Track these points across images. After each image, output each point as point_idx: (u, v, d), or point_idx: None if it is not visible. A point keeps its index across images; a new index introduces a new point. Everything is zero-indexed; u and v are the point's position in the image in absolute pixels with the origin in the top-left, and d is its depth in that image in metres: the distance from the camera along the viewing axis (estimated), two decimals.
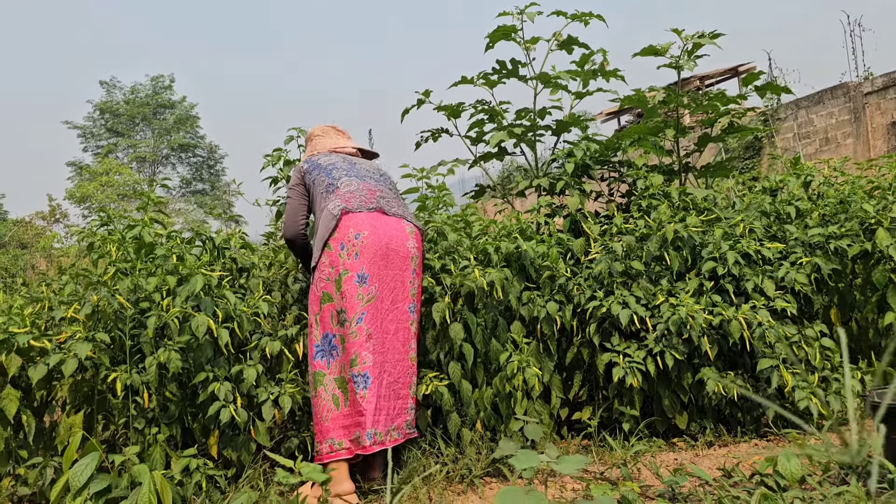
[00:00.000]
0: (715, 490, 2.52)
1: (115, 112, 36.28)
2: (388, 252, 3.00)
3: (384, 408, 2.87)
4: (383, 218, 3.08)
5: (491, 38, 4.37)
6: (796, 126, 14.38)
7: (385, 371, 2.91)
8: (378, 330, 2.91)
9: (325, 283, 2.96)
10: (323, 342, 2.93)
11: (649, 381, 3.38)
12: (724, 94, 4.16)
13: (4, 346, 2.74)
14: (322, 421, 2.84)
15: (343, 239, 2.95)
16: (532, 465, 2.07)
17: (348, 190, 3.12)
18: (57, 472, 2.73)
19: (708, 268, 3.46)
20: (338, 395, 2.85)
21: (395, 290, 3.02)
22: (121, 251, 3.17)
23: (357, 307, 2.88)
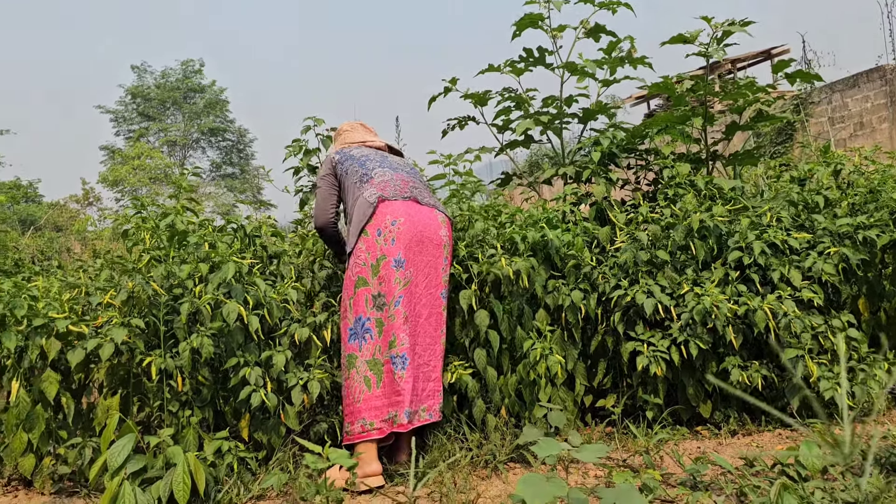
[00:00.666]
0: (736, 479, 2.55)
1: (146, 96, 36.75)
2: (423, 239, 3.08)
3: (416, 388, 2.97)
4: (417, 206, 3.16)
5: (518, 27, 4.37)
6: (830, 110, 14.12)
7: (416, 353, 3.00)
8: (412, 313, 3.02)
9: (360, 268, 3.03)
10: (356, 325, 3.00)
11: (673, 369, 3.40)
12: (754, 82, 4.12)
13: (44, 331, 2.84)
14: (354, 402, 2.92)
15: (380, 225, 3.04)
16: (554, 452, 2.11)
17: (382, 180, 3.21)
18: (95, 452, 2.84)
19: (734, 257, 3.45)
20: (369, 377, 2.93)
21: (429, 275, 3.11)
22: (154, 239, 3.26)
23: (395, 291, 2.98)
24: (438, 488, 2.67)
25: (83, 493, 2.83)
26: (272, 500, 2.72)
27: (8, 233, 9.85)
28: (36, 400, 2.85)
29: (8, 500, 2.85)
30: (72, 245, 12.64)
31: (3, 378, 2.97)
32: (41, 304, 2.91)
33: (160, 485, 2.53)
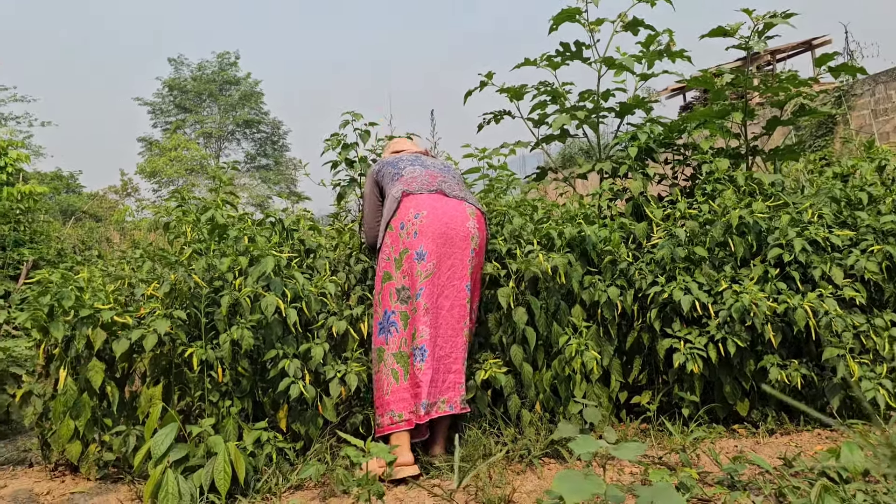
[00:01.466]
0: (775, 479, 2.52)
1: (182, 89, 37.26)
2: (447, 231, 3.09)
3: (437, 380, 2.98)
4: (443, 199, 3.18)
5: (554, 21, 4.34)
6: (873, 102, 13.77)
7: (437, 345, 3.01)
8: (434, 305, 3.03)
9: (385, 263, 3.09)
10: (383, 319, 3.06)
11: (710, 367, 3.37)
12: (795, 75, 4.04)
13: (90, 321, 2.92)
14: (384, 394, 2.96)
15: (403, 219, 3.08)
16: (591, 449, 2.12)
17: (411, 176, 3.26)
18: (139, 440, 2.91)
19: (774, 254, 3.41)
20: (397, 370, 2.96)
21: (454, 267, 3.10)
22: (195, 232, 3.32)
23: (417, 283, 3.01)
24: (474, 482, 2.68)
25: (127, 479, 2.91)
26: (310, 490, 2.77)
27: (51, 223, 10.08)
28: (82, 388, 2.93)
29: (56, 484, 2.94)
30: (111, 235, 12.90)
31: (50, 366, 3.06)
32: (87, 296, 2.99)
33: (202, 473, 2.59)
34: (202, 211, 3.33)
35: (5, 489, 2.90)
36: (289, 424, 3.09)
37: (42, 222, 8.90)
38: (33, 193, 7.97)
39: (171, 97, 37.67)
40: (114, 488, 2.87)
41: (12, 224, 7.77)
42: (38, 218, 8.78)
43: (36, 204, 8.20)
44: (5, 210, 7.67)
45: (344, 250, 3.82)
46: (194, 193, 3.56)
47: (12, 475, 3.11)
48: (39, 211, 8.76)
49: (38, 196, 8.10)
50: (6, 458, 3.39)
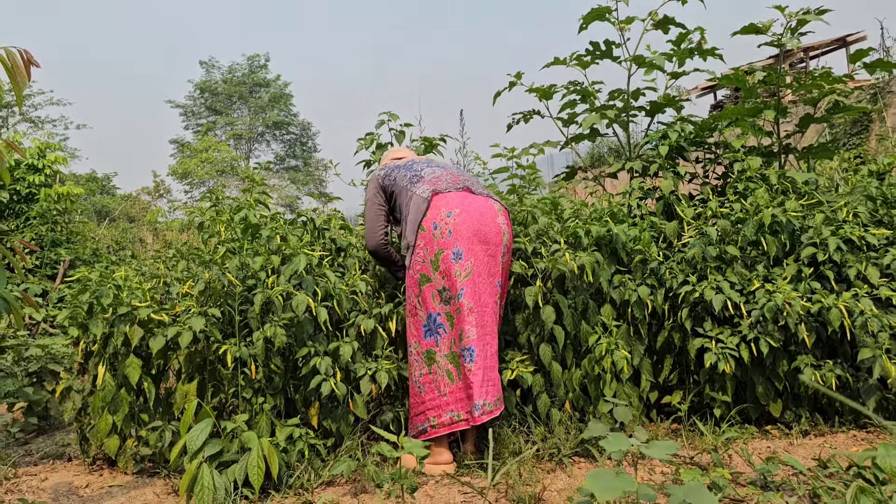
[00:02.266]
0: (809, 480, 2.50)
1: (213, 91, 37.74)
2: (480, 228, 3.06)
3: (490, 379, 2.95)
4: (471, 196, 3.15)
5: (584, 20, 4.33)
6: None
7: (486, 343, 2.98)
8: (478, 304, 2.99)
9: (421, 266, 3.05)
10: (428, 321, 3.03)
11: (742, 367, 3.34)
12: (829, 72, 3.99)
13: (128, 318, 2.99)
14: (440, 395, 2.97)
15: (435, 218, 3.04)
16: (622, 448, 2.12)
17: (434, 176, 3.22)
18: (174, 435, 2.97)
19: (807, 254, 3.37)
20: (451, 371, 2.96)
21: (489, 264, 3.07)
22: (229, 231, 3.37)
23: (457, 283, 2.98)
24: (504, 480, 2.69)
25: (163, 473, 2.97)
26: (341, 486, 2.80)
27: (86, 223, 10.28)
28: (120, 384, 2.99)
29: (94, 478, 3.01)
30: (144, 235, 13.12)
31: (89, 363, 3.13)
32: (124, 294, 3.06)
33: (236, 468, 2.63)
34: (235, 210, 3.38)
35: (46, 482, 2.97)
36: (320, 421, 3.12)
37: (78, 223, 9.09)
38: (70, 195, 8.15)
39: (203, 99, 38.19)
40: (150, 482, 2.93)
41: (50, 224, 7.95)
42: (74, 219, 8.96)
43: (72, 205, 8.39)
44: (43, 211, 7.85)
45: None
46: (226, 195, 3.61)
47: (52, 469, 3.19)
48: (75, 212, 8.94)
49: (74, 197, 8.28)
50: (46, 452, 3.47)
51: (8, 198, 7.64)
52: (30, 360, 4.14)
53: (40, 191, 7.86)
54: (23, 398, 3.88)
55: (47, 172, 7.95)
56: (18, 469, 3.15)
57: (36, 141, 8.17)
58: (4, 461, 3.16)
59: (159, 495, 2.78)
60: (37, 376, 4.10)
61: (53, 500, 2.76)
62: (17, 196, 7.79)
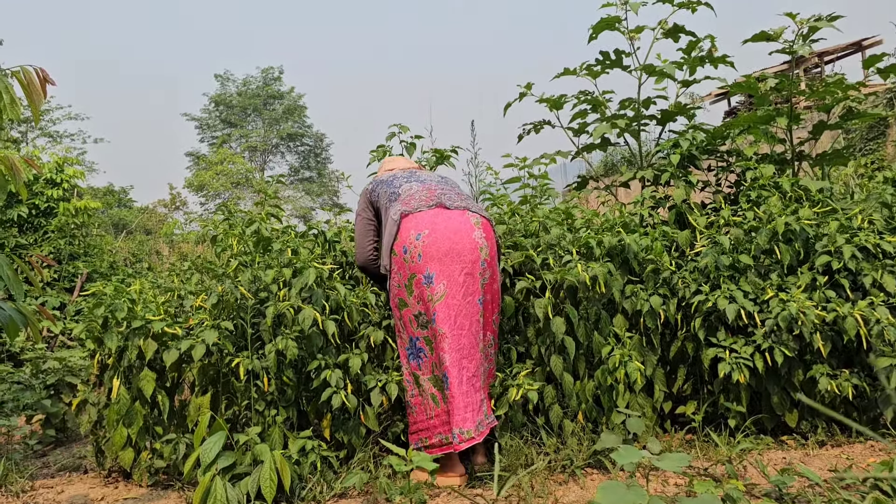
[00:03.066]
0: (825, 492, 2.47)
1: (228, 104, 38.05)
2: (453, 247, 2.95)
3: (469, 404, 2.86)
4: (445, 212, 3.04)
5: (594, 30, 4.34)
6: None
7: (464, 368, 2.90)
8: (453, 327, 2.90)
9: (397, 290, 3.02)
10: (410, 345, 3.03)
11: (757, 377, 3.31)
12: (843, 79, 3.96)
13: (142, 332, 3.01)
14: (429, 419, 2.97)
15: (405, 242, 2.98)
16: (634, 460, 2.10)
17: (409, 194, 3.16)
18: (188, 447, 2.99)
19: (822, 262, 3.34)
20: (436, 394, 2.96)
21: (465, 283, 2.95)
22: (241, 244, 3.40)
23: (430, 308, 2.92)
24: (517, 492, 2.69)
25: (177, 486, 2.99)
26: (354, 498, 2.80)
27: (103, 237, 10.39)
28: (134, 397, 3.02)
29: (109, 490, 3.04)
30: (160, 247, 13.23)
31: (104, 376, 3.16)
32: (139, 307, 3.09)
33: (248, 481, 2.65)
34: (247, 224, 3.41)
35: (62, 494, 3.00)
36: (332, 433, 3.13)
37: (95, 236, 9.19)
38: (87, 208, 8.25)
39: (217, 112, 38.49)
40: (164, 494, 2.94)
41: (68, 238, 8.05)
42: (92, 232, 9.07)
43: (90, 218, 8.49)
44: (61, 224, 7.95)
45: None
46: (240, 206, 3.64)
47: (69, 481, 3.22)
48: (93, 225, 9.06)
49: (91, 211, 8.38)
50: (62, 464, 3.50)
51: (27, 212, 7.74)
52: (48, 373, 4.19)
53: (59, 205, 7.97)
54: (41, 410, 3.92)
55: (65, 187, 8.06)
56: (35, 482, 3.18)
57: (54, 156, 8.29)
58: (22, 473, 3.19)
59: None
60: (55, 389, 4.14)
61: None
62: (35, 210, 7.90)
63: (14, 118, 2.49)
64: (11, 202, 7.72)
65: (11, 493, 2.96)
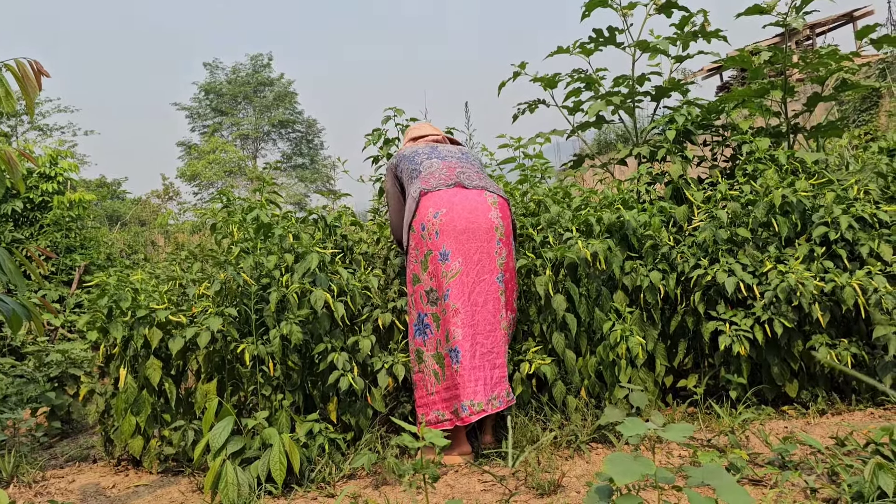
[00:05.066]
0: (827, 458, 2.51)
1: (218, 92, 37.81)
2: (469, 226, 3.02)
3: (481, 378, 2.93)
4: (462, 192, 3.10)
5: (587, 7, 4.33)
6: None
7: (478, 342, 2.97)
8: (466, 303, 2.97)
9: (413, 266, 3.08)
10: (417, 321, 3.07)
11: (757, 348, 3.35)
12: (836, 50, 3.97)
13: (147, 321, 3.03)
14: (428, 394, 3.01)
15: (423, 220, 3.04)
16: (639, 432, 2.13)
17: (429, 171, 3.20)
18: (197, 434, 3.02)
19: (819, 233, 3.36)
20: (437, 370, 2.99)
21: (481, 262, 3.03)
22: (242, 231, 3.41)
23: (444, 284, 2.98)
24: (523, 467, 2.72)
25: (187, 472, 3.02)
26: (363, 479, 2.83)
27: (99, 229, 10.36)
28: (141, 386, 3.04)
29: (120, 478, 3.06)
30: (155, 238, 13.20)
31: (110, 366, 3.18)
32: (142, 297, 3.10)
33: (258, 464, 2.68)
34: (247, 211, 3.42)
35: (74, 483, 3.03)
36: (339, 416, 3.16)
37: (91, 228, 9.16)
38: (82, 201, 8.22)
39: (208, 101, 38.25)
40: (175, 481, 2.97)
41: (64, 231, 8.02)
42: (87, 224, 9.03)
43: (85, 211, 8.46)
44: (57, 218, 7.92)
45: (386, 244, 3.87)
46: (235, 194, 3.64)
47: (79, 471, 3.24)
48: (88, 218, 9.01)
49: (86, 203, 8.35)
50: (71, 455, 3.53)
51: (22, 206, 7.71)
52: (50, 366, 4.20)
53: (53, 198, 7.93)
54: (45, 403, 3.94)
55: (59, 180, 8.02)
56: (46, 472, 3.20)
57: (47, 149, 8.24)
58: (32, 465, 3.21)
59: (184, 493, 2.83)
60: (58, 381, 4.15)
61: (82, 501, 2.81)
62: (30, 204, 7.86)
63: (9, 111, 2.48)
64: (6, 197, 7.68)
65: (24, 484, 2.99)
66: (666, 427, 2.16)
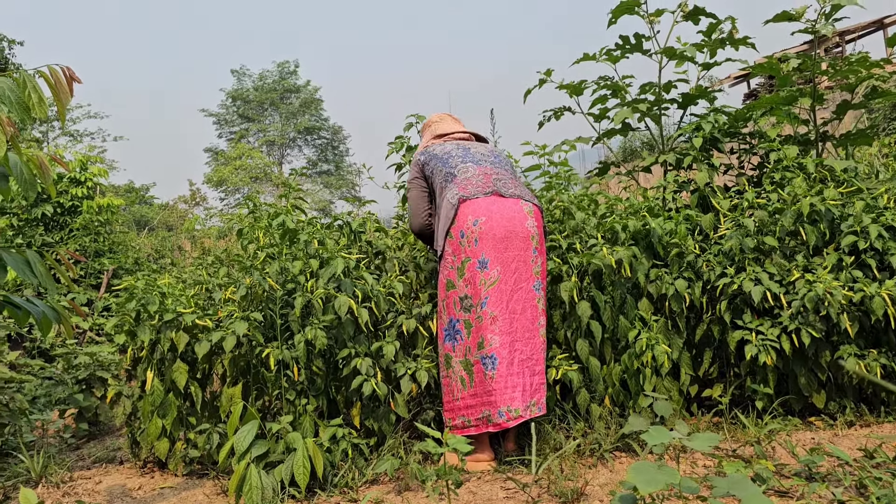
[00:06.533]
0: (855, 470, 2.47)
1: (245, 99, 38.26)
2: (508, 234, 3.04)
3: (519, 384, 2.95)
4: (500, 201, 3.11)
5: (613, 14, 4.32)
6: None
7: (516, 349, 2.98)
8: (504, 311, 2.99)
9: (448, 271, 3.08)
10: (448, 327, 3.07)
11: (784, 358, 3.31)
12: (866, 57, 3.92)
13: (174, 325, 3.07)
14: (454, 399, 3.01)
15: (462, 227, 3.05)
16: (664, 440, 2.12)
17: (465, 177, 3.20)
18: (222, 437, 3.05)
19: (848, 242, 3.32)
20: (464, 377, 3.00)
21: (518, 270, 3.05)
22: (267, 237, 3.44)
23: (481, 292, 2.98)
24: (547, 475, 2.71)
25: (212, 474, 3.05)
26: (385, 484, 2.84)
27: (127, 233, 10.52)
28: (168, 388, 3.08)
29: (145, 480, 3.10)
30: (182, 243, 13.35)
31: (137, 369, 3.23)
32: (169, 301, 3.14)
33: (282, 468, 2.69)
34: (273, 216, 3.45)
35: (100, 485, 3.07)
36: (362, 421, 3.17)
37: (119, 233, 9.30)
38: (111, 206, 8.36)
39: (235, 107, 38.73)
40: (199, 483, 3.00)
41: (92, 235, 8.15)
42: (115, 229, 9.17)
43: (113, 216, 8.60)
44: (86, 222, 8.06)
45: (412, 250, 3.88)
46: (262, 200, 3.68)
47: (105, 472, 3.29)
48: (116, 222, 9.16)
49: (115, 208, 8.49)
50: (97, 456, 3.58)
51: (52, 211, 7.85)
52: (78, 368, 4.26)
53: (83, 203, 8.07)
54: (73, 405, 4.00)
55: (89, 185, 8.16)
56: (73, 473, 3.25)
57: (77, 154, 8.39)
58: (60, 465, 3.27)
59: (209, 496, 2.85)
60: (86, 383, 4.22)
61: (108, 502, 2.84)
62: (60, 209, 8.01)
63: (42, 117, 2.53)
64: (37, 201, 7.83)
65: (52, 484, 3.04)
66: (691, 436, 2.14)
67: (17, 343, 6.12)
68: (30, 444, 3.52)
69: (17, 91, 2.15)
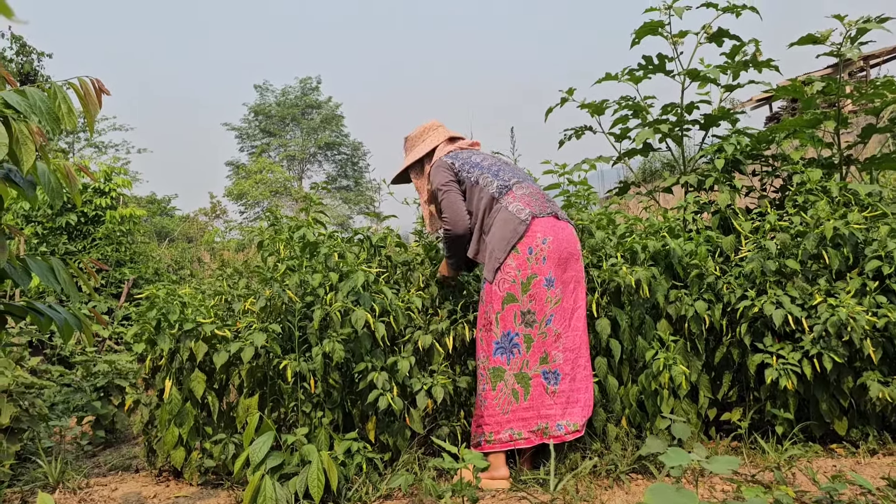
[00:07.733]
0: (878, 499, 2.42)
1: (267, 114, 38.65)
2: (568, 256, 3.12)
3: (581, 400, 3.07)
4: (559, 223, 3.16)
5: (637, 35, 4.33)
6: None
7: (578, 366, 3.09)
8: (567, 329, 3.08)
9: (509, 285, 3.04)
10: (503, 339, 3.04)
11: (805, 383, 3.26)
12: (892, 80, 3.89)
13: (193, 334, 3.09)
14: (502, 413, 3.00)
15: (531, 243, 3.06)
16: (683, 463, 2.09)
17: (523, 193, 3.20)
18: (237, 447, 3.05)
19: (872, 267, 3.28)
20: (517, 390, 3.00)
21: (576, 290, 3.15)
22: (288, 249, 3.46)
23: (546, 309, 3.03)
24: (562, 496, 2.68)
25: (227, 485, 3.05)
26: (399, 500, 2.83)
27: (148, 244, 10.62)
28: (185, 398, 3.09)
29: (161, 488, 3.11)
30: (202, 255, 13.46)
31: (156, 377, 3.24)
32: (189, 311, 3.16)
33: (296, 480, 2.69)
34: (294, 229, 3.47)
35: (116, 492, 3.08)
36: (377, 435, 3.17)
37: (140, 243, 9.39)
38: (133, 216, 8.45)
39: (257, 122, 39.13)
40: (214, 493, 3.01)
41: (114, 245, 8.24)
42: (137, 239, 9.27)
43: (135, 226, 8.69)
44: (108, 232, 8.16)
45: (430, 266, 3.88)
46: (283, 214, 3.71)
47: (121, 480, 3.30)
48: (138, 233, 9.26)
49: (137, 219, 8.59)
50: (113, 464, 3.59)
51: (76, 220, 7.95)
52: (97, 376, 4.30)
53: (106, 213, 8.17)
54: (91, 412, 4.03)
55: (113, 195, 8.26)
56: (90, 479, 3.27)
57: (102, 165, 8.51)
58: (77, 472, 3.29)
59: None
60: (104, 391, 4.25)
61: None
62: (84, 218, 8.11)
63: (71, 128, 2.57)
64: (62, 210, 7.94)
65: (69, 490, 3.06)
66: (710, 459, 2.12)
67: (37, 349, 6.18)
68: (48, 450, 3.54)
69: (48, 102, 2.18)
